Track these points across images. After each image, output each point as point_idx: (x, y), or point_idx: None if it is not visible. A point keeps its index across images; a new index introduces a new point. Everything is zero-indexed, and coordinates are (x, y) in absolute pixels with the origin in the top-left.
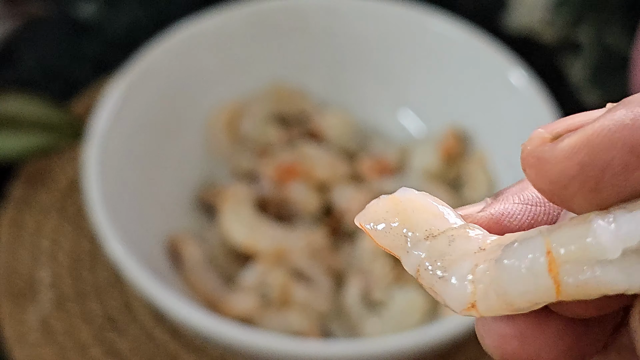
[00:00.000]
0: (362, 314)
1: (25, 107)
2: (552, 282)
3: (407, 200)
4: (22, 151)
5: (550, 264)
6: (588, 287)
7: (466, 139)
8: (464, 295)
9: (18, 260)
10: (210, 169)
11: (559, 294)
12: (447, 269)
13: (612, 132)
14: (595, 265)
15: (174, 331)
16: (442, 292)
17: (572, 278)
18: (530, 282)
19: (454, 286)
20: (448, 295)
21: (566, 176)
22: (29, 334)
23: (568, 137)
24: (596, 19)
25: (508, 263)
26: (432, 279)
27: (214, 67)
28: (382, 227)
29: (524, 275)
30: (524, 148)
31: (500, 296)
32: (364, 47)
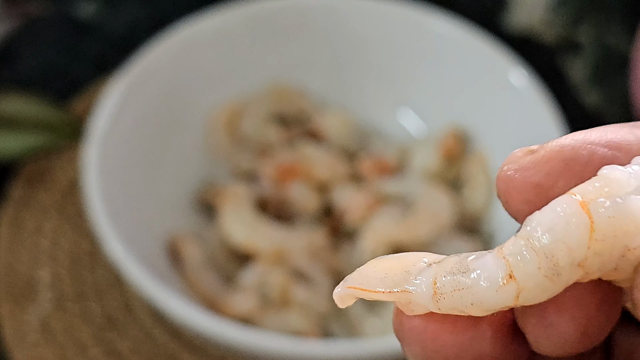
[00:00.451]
0: (362, 314)
1: (24, 107)
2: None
3: (392, 257)
4: (22, 151)
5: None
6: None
7: (466, 139)
8: (499, 271)
9: (18, 260)
10: (210, 168)
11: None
12: (469, 265)
13: (588, 134)
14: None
15: (173, 331)
16: (472, 284)
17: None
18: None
19: (486, 267)
20: (481, 281)
21: (553, 175)
22: (29, 334)
23: (543, 147)
24: (596, 19)
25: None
26: (455, 279)
27: (214, 66)
28: (379, 278)
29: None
30: (500, 169)
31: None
32: (364, 47)
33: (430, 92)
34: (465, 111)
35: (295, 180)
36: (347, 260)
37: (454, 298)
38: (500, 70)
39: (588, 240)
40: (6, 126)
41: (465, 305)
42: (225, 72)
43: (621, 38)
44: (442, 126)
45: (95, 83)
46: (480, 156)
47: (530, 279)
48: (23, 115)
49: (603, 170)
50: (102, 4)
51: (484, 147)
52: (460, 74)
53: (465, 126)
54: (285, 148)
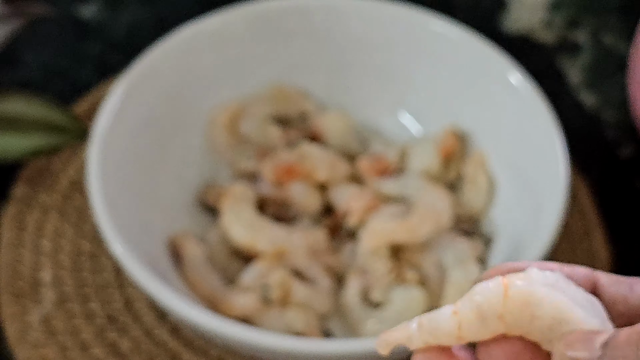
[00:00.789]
0: (362, 314)
1: (27, 108)
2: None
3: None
4: (24, 152)
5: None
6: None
7: (465, 139)
8: (450, 309)
9: (20, 261)
10: (211, 169)
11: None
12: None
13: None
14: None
15: (174, 331)
16: (435, 316)
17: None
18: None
19: (445, 308)
20: (440, 313)
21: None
22: (31, 334)
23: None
24: (594, 20)
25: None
26: (429, 315)
27: (215, 68)
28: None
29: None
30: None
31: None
32: (364, 49)
33: (430, 93)
34: (464, 112)
35: (295, 180)
36: (347, 260)
37: (426, 328)
38: (499, 71)
39: (503, 299)
40: (9, 127)
41: (431, 332)
42: (226, 73)
43: (619, 39)
44: (441, 127)
45: (98, 84)
46: (479, 156)
47: (466, 317)
48: (26, 116)
49: (528, 269)
50: (104, 6)
51: (483, 148)
52: (459, 75)
53: (464, 127)
54: (285, 149)
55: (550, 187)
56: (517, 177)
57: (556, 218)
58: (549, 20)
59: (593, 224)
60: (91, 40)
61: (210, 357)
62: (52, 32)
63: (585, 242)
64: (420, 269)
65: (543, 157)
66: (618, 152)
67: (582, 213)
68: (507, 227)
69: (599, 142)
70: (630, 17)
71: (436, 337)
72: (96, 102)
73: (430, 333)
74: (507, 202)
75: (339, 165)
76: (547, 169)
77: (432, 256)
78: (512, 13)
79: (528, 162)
